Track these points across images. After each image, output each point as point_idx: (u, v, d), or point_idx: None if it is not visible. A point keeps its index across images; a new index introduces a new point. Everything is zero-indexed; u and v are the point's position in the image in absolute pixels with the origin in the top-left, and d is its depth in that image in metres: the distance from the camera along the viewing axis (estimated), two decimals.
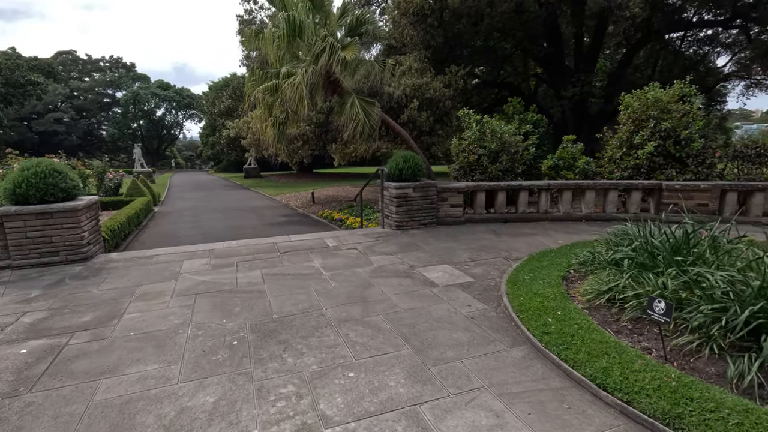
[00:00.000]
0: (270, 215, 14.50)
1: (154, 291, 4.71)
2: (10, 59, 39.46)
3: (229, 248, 6.48)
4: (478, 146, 8.34)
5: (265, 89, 9.37)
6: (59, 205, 5.58)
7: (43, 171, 5.57)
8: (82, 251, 5.79)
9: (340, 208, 14.44)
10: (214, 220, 13.61)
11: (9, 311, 4.21)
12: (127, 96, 68.65)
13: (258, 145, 14.19)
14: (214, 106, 34.06)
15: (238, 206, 17.25)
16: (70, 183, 5.83)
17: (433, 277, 4.97)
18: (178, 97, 72.71)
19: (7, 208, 5.36)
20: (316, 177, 35.87)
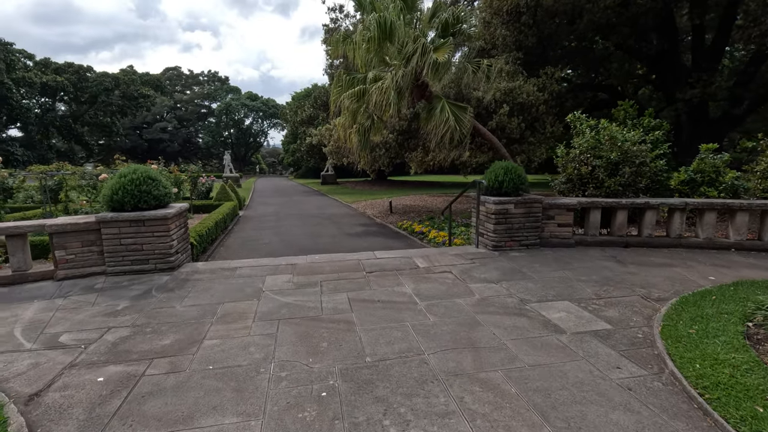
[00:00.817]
0: (347, 224, 14.22)
1: (236, 312, 4.32)
2: (128, 75, 44.61)
3: (312, 264, 6.04)
4: (591, 156, 7.13)
5: (352, 95, 8.98)
6: (151, 212, 5.51)
7: (138, 178, 5.55)
8: (170, 260, 5.69)
9: (420, 219, 13.73)
10: (294, 227, 13.61)
11: (96, 325, 4.04)
12: (220, 107, 74.72)
13: (339, 153, 14.03)
14: (296, 114, 35.42)
15: (316, 213, 17.30)
16: (162, 190, 5.77)
17: (554, 319, 4.02)
18: (264, 107, 77.57)
19: (105, 215, 5.39)
20: (391, 185, 35.65)
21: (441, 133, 8.62)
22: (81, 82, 42.36)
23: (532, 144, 13.71)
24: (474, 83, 11.41)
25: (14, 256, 5.29)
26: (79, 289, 5.08)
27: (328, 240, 11.12)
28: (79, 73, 42.65)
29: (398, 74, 8.31)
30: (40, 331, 3.92)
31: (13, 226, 5.17)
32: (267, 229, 13.37)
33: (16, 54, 38.98)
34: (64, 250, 5.37)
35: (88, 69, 43.90)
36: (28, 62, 40.84)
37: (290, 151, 55.41)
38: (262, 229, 13.32)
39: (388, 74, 8.48)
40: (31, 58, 41.54)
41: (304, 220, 15.13)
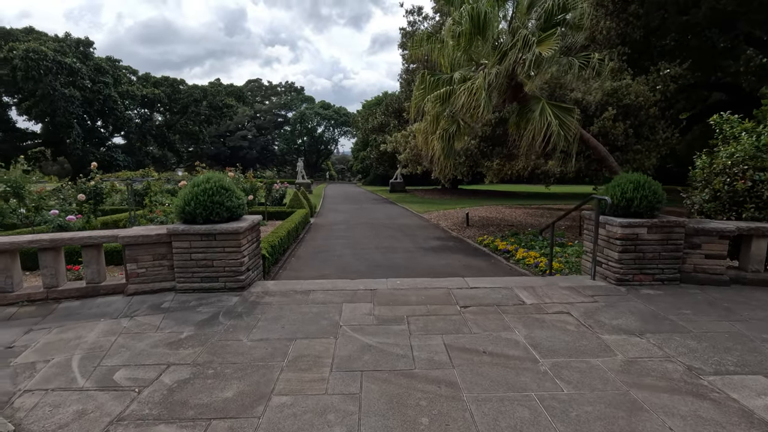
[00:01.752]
0: (422, 237, 13.30)
1: (310, 354, 3.57)
2: (214, 87, 47.89)
3: (394, 291, 5.19)
4: (750, 167, 5.54)
5: (436, 97, 8.09)
6: (222, 226, 5.02)
7: (212, 188, 5.10)
8: (241, 279, 5.16)
9: (502, 235, 12.41)
10: (366, 239, 12.98)
11: (155, 359, 3.51)
12: (295, 116, 78.01)
13: (415, 161, 13.20)
14: (367, 122, 35.38)
15: (387, 223, 16.61)
16: (236, 201, 5.28)
17: (757, 408, 2.74)
18: (336, 116, 79.67)
19: (176, 227, 4.99)
20: (462, 194, 34.21)
21: (539, 140, 7.41)
22: (174, 94, 46.19)
23: (639, 152, 11.82)
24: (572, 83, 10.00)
25: (88, 267, 5.06)
26: (147, 307, 4.68)
27: (402, 255, 10.28)
28: (173, 86, 46.55)
29: (491, 72, 7.27)
30: (98, 363, 3.46)
31: (87, 236, 4.94)
32: (338, 239, 12.87)
33: (123, 70, 43.48)
34: (135, 263, 5.05)
35: (181, 82, 47.80)
36: (132, 77, 45.39)
37: (359, 158, 55.99)
38: (333, 239, 12.85)
39: (479, 73, 7.48)
40: (135, 73, 46.16)
41: (376, 231, 14.47)
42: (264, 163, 77.48)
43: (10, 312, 4.59)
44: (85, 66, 36.25)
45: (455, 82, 8.21)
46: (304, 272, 8.75)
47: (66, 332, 4.06)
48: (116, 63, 42.43)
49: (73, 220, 5.84)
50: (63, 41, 36.69)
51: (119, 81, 41.14)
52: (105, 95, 37.37)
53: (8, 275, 4.76)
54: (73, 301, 4.91)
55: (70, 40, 37.48)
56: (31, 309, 4.67)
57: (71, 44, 37.12)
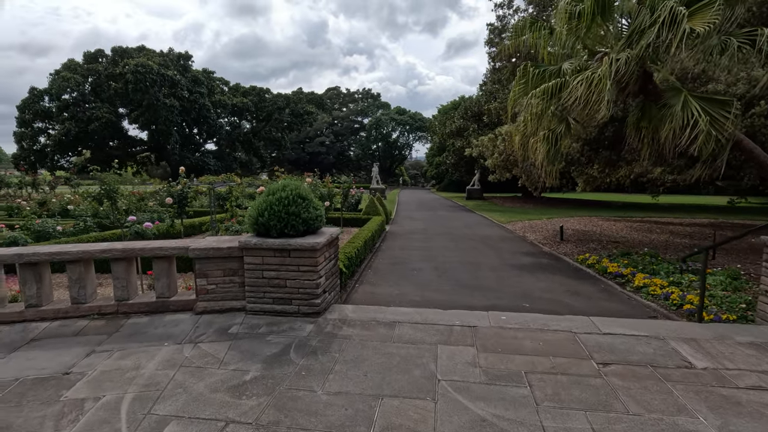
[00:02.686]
0: (509, 251, 11.90)
1: (402, 425, 2.66)
2: (296, 95, 49.90)
3: (500, 331, 4.11)
4: None
5: (542, 92, 6.84)
6: (298, 241, 4.33)
7: (288, 197, 4.45)
8: (316, 303, 4.43)
9: (609, 253, 10.61)
10: (446, 251, 11.91)
11: (213, 411, 2.83)
12: (371, 122, 79.05)
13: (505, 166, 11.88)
14: (444, 126, 34.27)
15: (467, 233, 15.36)
16: (313, 212, 4.58)
17: None
18: (411, 121, 79.39)
19: (248, 240, 4.40)
20: (546, 203, 31.58)
21: (684, 140, 5.84)
22: (261, 103, 48.92)
23: None
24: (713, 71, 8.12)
25: (159, 280, 4.67)
26: (214, 332, 4.12)
27: (490, 273, 9.08)
28: (260, 95, 49.31)
29: (619, 58, 5.88)
30: (149, 408, 2.86)
31: (158, 247, 4.54)
32: (416, 250, 11.96)
33: (216, 81, 46.98)
34: (205, 278, 4.55)
35: (266, 91, 50.53)
36: (224, 87, 48.89)
37: (434, 163, 54.89)
38: (411, 250, 11.96)
39: (603, 60, 6.11)
40: (227, 84, 49.69)
41: (457, 242, 13.33)
42: (340, 168, 79.47)
43: (81, 326, 4.29)
44: (184, 78, 39.61)
45: (566, 73, 6.91)
46: (381, 288, 7.96)
47: (126, 358, 3.59)
48: (211, 74, 45.96)
49: (149, 227, 5.65)
50: (166, 56, 40.51)
51: (213, 91, 44.45)
52: (200, 104, 40.51)
53: (81, 285, 4.50)
54: (141, 316, 4.53)
55: (173, 55, 41.28)
56: (100, 324, 4.34)
57: (173, 58, 40.85)
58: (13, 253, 4.27)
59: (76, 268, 4.46)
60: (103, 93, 37.79)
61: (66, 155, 38.41)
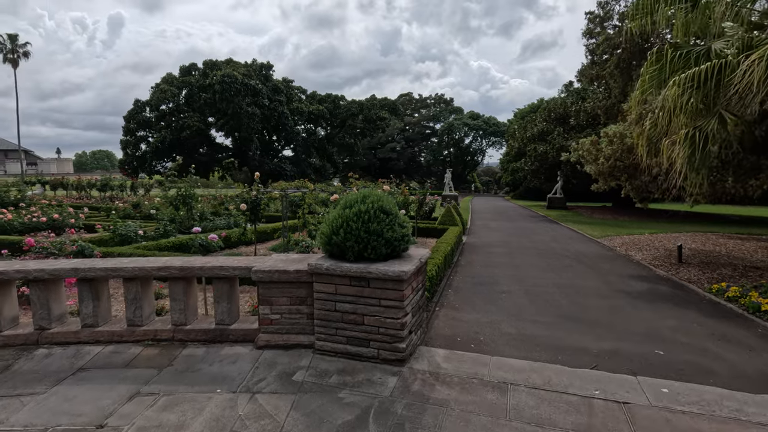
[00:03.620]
0: (614, 273, 10.09)
1: None
2: (370, 101, 50.21)
3: (671, 417, 2.82)
4: None
5: (688, 79, 5.29)
6: (380, 267, 3.41)
7: (368, 212, 3.56)
8: (400, 348, 3.47)
9: (756, 285, 8.43)
10: (536, 269, 10.40)
11: None
12: (443, 127, 77.57)
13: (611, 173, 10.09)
14: (524, 130, 31.98)
15: (557, 249, 13.58)
16: (398, 231, 3.64)
17: None
18: (485, 126, 76.60)
19: (320, 263, 3.57)
20: (641, 215, 27.99)
21: None
22: (335, 110, 49.91)
23: None
24: None
25: (219, 304, 4.02)
26: (275, 377, 3.33)
27: (598, 303, 7.52)
28: (335, 102, 50.34)
29: None
30: None
31: (218, 266, 3.89)
32: (500, 267, 10.61)
33: (294, 90, 48.78)
34: (269, 306, 3.80)
35: (341, 98, 51.48)
36: (302, 96, 50.63)
37: (509, 169, 52.11)
38: (494, 267, 10.62)
39: None
40: (304, 92, 51.44)
41: (547, 260, 11.71)
42: (410, 174, 78.82)
43: (132, 354, 3.75)
44: (265, 87, 41.52)
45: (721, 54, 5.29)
46: (466, 313, 6.83)
47: (170, 410, 2.90)
48: (290, 83, 47.83)
49: (215, 240, 5.14)
50: (250, 66, 42.80)
51: (291, 99, 46.18)
52: (279, 112, 42.19)
53: (138, 306, 3.99)
54: (198, 346, 3.90)
55: (255, 65, 43.52)
56: (153, 353, 3.77)
57: (256, 68, 43.04)
58: (70, 268, 3.85)
59: (132, 287, 3.96)
60: (194, 103, 40.86)
61: (162, 161, 42.08)
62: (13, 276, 3.81)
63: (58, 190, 28.98)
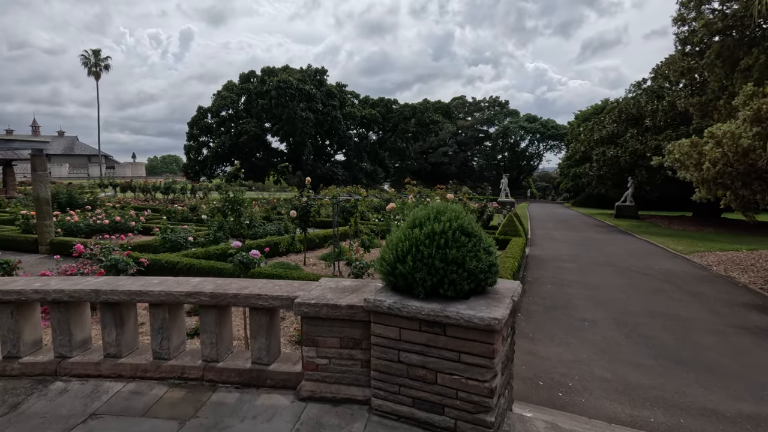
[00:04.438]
0: (720, 300, 8.43)
1: None
2: (423, 105, 49.36)
3: None
4: None
5: None
6: (460, 311, 2.50)
7: (445, 233, 2.67)
8: (487, 421, 2.53)
9: None
10: (619, 291, 8.98)
11: None
12: (498, 130, 74.96)
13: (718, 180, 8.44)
14: (591, 133, 29.52)
15: (638, 266, 11.89)
16: (484, 260, 2.71)
17: None
18: (542, 129, 73.05)
19: (380, 300, 2.73)
20: (728, 226, 24.76)
21: None
22: (388, 114, 49.52)
23: None
24: None
25: (256, 339, 3.31)
26: None
27: (714, 342, 6.11)
28: (387, 106, 49.96)
29: None
30: None
31: (255, 294, 3.18)
32: (573, 287, 9.29)
33: (347, 94, 49.00)
34: (314, 347, 3.03)
35: (393, 102, 51.02)
36: (354, 100, 50.77)
37: (570, 174, 48.98)
38: (567, 286, 9.31)
39: None
40: (357, 97, 51.55)
41: (629, 280, 10.17)
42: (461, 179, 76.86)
43: (154, 397, 3.13)
44: (319, 91, 41.96)
45: None
46: (544, 346, 5.73)
47: None
48: (343, 88, 48.12)
49: (257, 256, 4.50)
50: (305, 72, 43.49)
51: (344, 104, 46.39)
52: (332, 117, 42.46)
53: (165, 336, 3.38)
54: (230, 390, 3.21)
55: (310, 71, 44.16)
56: (178, 397, 3.12)
57: (311, 74, 43.66)
58: (90, 290, 3.31)
59: (158, 314, 3.36)
60: (252, 109, 42.14)
61: (222, 165, 43.76)
62: (31, 297, 3.34)
63: (127, 192, 30.78)
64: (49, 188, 11.93)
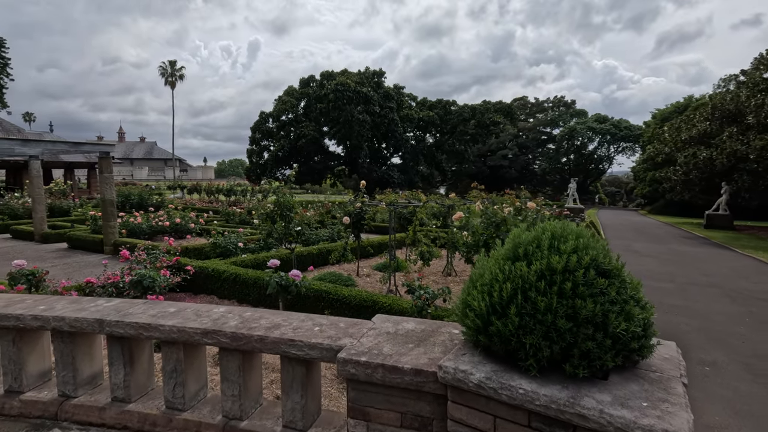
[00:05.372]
0: None
1: None
2: (483, 106, 47.47)
3: None
4: None
5: None
6: (607, 407, 1.49)
7: (572, 272, 1.67)
8: None
9: None
10: (734, 322, 7.26)
11: None
12: (563, 132, 70.60)
13: None
14: (678, 132, 26.26)
15: (751, 290, 9.81)
16: (637, 320, 1.66)
17: None
18: (614, 130, 67.66)
19: (465, 370, 1.79)
20: None
21: None
22: (446, 115, 48.14)
23: None
24: None
25: (288, 396, 2.49)
26: None
27: None
28: (445, 107, 48.58)
29: None
30: None
31: (287, 340, 2.34)
32: (676, 314, 7.69)
33: (405, 97, 48.27)
34: (364, 422, 2.14)
35: (452, 103, 49.53)
36: (412, 103, 49.93)
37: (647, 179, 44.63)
38: (668, 312, 7.72)
39: None
40: (414, 99, 50.68)
41: (746, 307, 8.30)
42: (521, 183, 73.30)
43: None
44: (377, 94, 41.63)
45: None
46: None
47: None
48: (400, 90, 47.48)
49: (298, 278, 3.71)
50: (363, 74, 43.36)
51: (401, 106, 45.73)
52: (389, 119, 41.93)
53: (179, 382, 2.66)
54: None
55: (368, 73, 43.97)
56: None
57: (368, 76, 43.46)
58: (93, 319, 2.68)
59: (171, 353, 2.64)
60: (311, 113, 42.75)
61: (281, 168, 44.82)
62: (29, 324, 2.77)
63: (194, 194, 32.26)
64: (114, 190, 12.24)
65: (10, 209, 17.81)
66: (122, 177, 55.72)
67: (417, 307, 3.47)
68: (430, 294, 3.58)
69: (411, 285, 3.80)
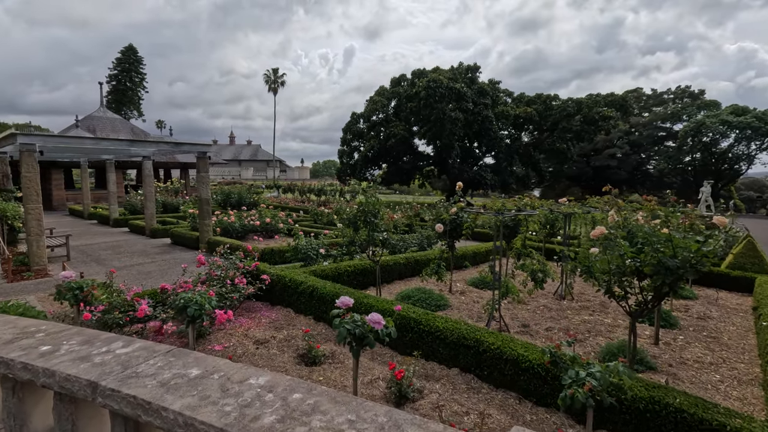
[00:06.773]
0: None
1: None
2: (591, 99, 42.76)
3: None
4: None
5: None
6: None
7: None
8: None
9: None
10: None
11: None
12: (688, 126, 60.94)
13: None
14: None
15: None
16: None
17: None
18: (757, 123, 56.55)
19: None
20: None
21: None
22: (546, 111, 44.24)
23: None
24: None
25: None
26: None
27: None
28: (546, 103, 44.66)
29: None
30: None
31: None
32: None
33: (500, 93, 45.39)
34: None
35: (554, 98, 45.41)
36: (507, 99, 46.81)
37: None
38: None
39: None
40: (510, 95, 47.47)
41: None
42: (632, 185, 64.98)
43: None
44: (470, 90, 39.59)
45: None
46: None
47: None
48: (496, 85, 44.77)
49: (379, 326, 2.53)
50: (456, 70, 41.61)
51: (496, 102, 43.05)
52: (483, 116, 39.62)
53: None
54: None
55: (462, 68, 42.09)
56: None
57: (462, 71, 41.58)
58: (87, 381, 1.83)
59: None
60: (401, 113, 42.17)
61: (371, 168, 45.00)
62: (19, 375, 2.04)
63: (288, 194, 33.64)
64: (209, 189, 12.51)
65: (131, 205, 19.74)
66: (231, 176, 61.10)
67: (564, 405, 2.03)
68: (599, 381, 2.06)
69: (556, 354, 2.44)
